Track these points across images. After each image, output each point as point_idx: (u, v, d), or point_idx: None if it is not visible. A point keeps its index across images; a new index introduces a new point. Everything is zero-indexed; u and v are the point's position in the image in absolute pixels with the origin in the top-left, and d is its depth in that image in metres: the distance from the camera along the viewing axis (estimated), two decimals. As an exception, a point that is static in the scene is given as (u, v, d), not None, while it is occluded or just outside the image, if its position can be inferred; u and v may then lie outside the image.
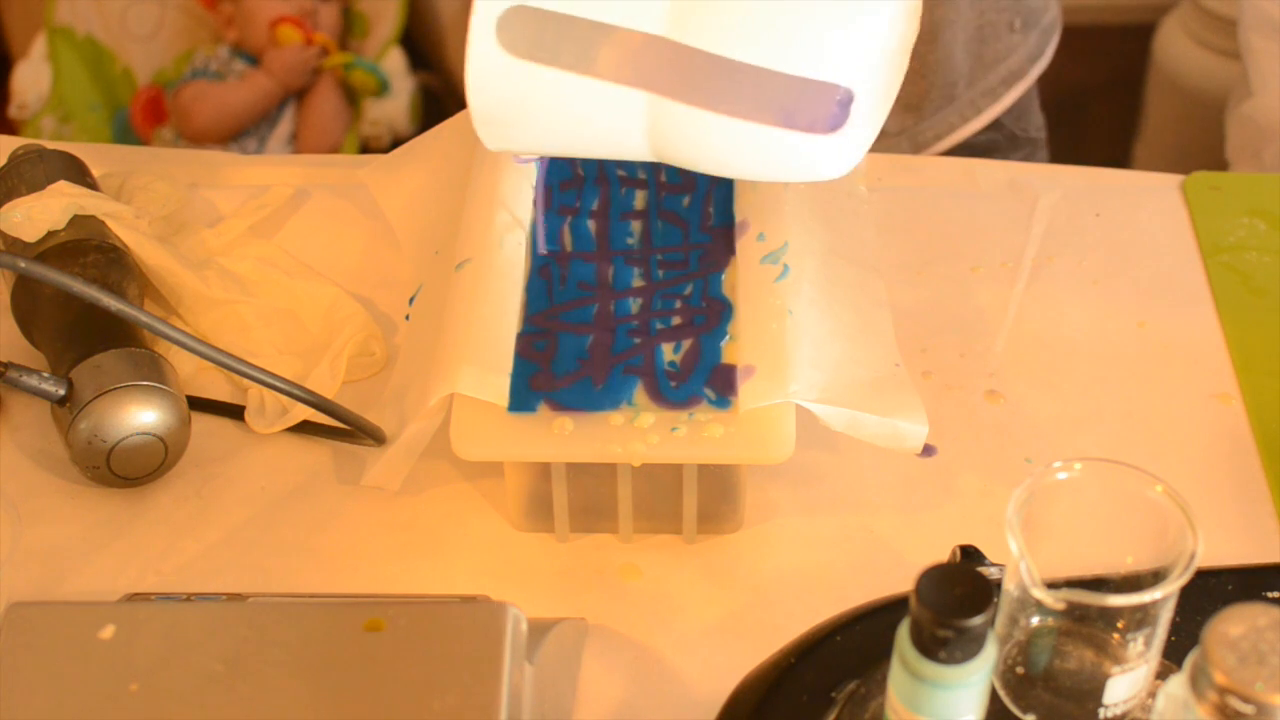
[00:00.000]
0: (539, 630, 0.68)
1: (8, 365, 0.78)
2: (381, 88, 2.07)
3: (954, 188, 0.99)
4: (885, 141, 1.13)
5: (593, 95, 0.69)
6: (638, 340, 0.78)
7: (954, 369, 0.87)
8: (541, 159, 0.82)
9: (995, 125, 1.18)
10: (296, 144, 2.05)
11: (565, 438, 0.73)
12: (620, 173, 0.88)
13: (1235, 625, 0.53)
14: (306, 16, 2.05)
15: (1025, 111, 1.21)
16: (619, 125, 0.70)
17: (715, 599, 0.77)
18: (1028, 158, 1.22)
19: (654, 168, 0.87)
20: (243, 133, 2.04)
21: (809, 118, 0.67)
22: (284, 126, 2.06)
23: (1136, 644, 0.61)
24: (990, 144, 1.18)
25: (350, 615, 0.65)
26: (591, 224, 0.85)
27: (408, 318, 0.86)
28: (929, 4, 1.05)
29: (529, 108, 0.70)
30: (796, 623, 0.74)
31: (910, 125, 1.13)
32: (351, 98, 2.09)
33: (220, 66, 2.06)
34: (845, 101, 0.67)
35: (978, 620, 0.54)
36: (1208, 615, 0.54)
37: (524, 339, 0.78)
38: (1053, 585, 0.59)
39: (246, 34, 2.06)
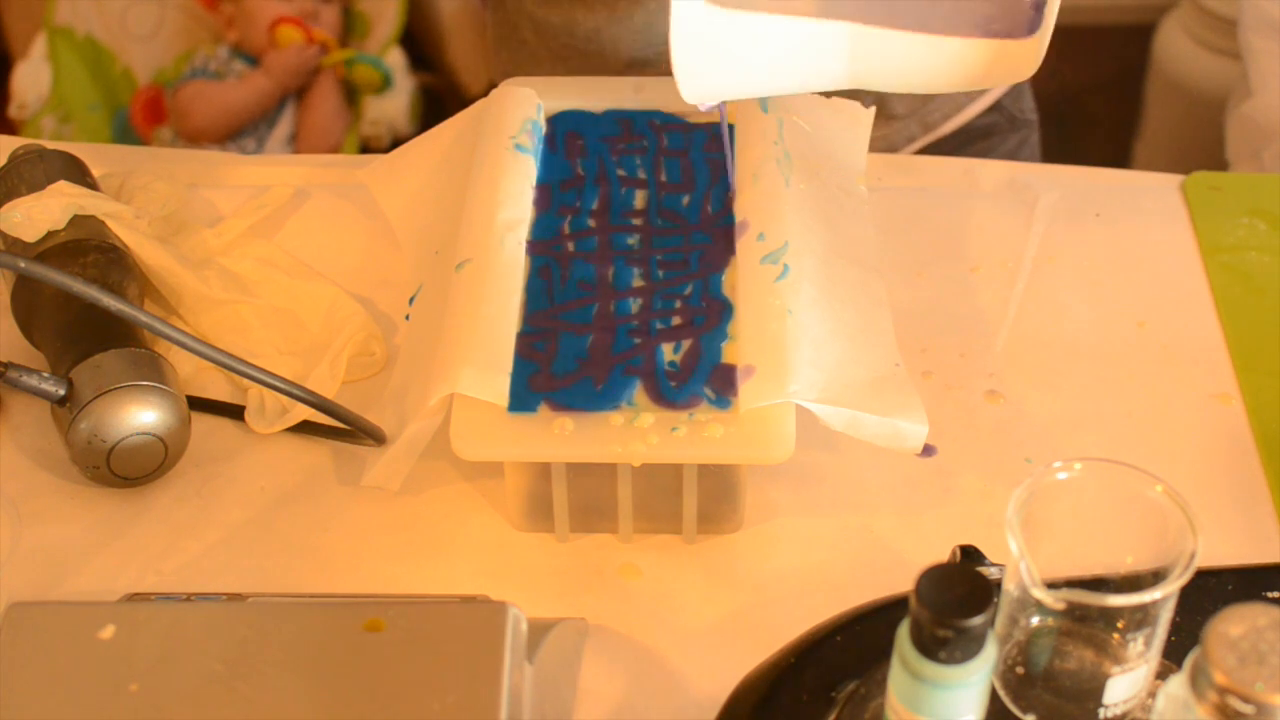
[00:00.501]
0: (539, 630, 0.68)
1: (8, 365, 0.78)
2: (385, 82, 2.07)
3: (954, 188, 0.99)
4: (895, 124, 1.13)
5: (795, 32, 0.71)
6: (638, 340, 0.78)
7: (954, 369, 0.87)
8: (722, 104, 0.84)
9: (995, 107, 1.19)
10: (296, 144, 2.05)
11: (565, 438, 0.73)
12: (620, 173, 0.88)
13: (1235, 625, 0.53)
14: (307, 17, 2.05)
15: (1021, 93, 1.22)
16: (821, 57, 0.72)
17: (715, 599, 0.77)
18: (1024, 140, 1.22)
19: (654, 167, 0.88)
20: (241, 132, 2.04)
21: (1007, 24, 0.69)
22: (283, 126, 2.06)
23: (1136, 644, 0.61)
24: (991, 125, 1.19)
25: (350, 615, 0.65)
26: (591, 223, 0.85)
27: (408, 318, 0.86)
28: None
29: (734, 53, 0.72)
30: (796, 623, 0.74)
31: (919, 106, 1.14)
32: (352, 97, 2.09)
33: (219, 66, 2.06)
34: (1039, 3, 0.69)
35: (978, 620, 0.54)
36: (1208, 615, 0.54)
37: (524, 339, 0.78)
38: (1053, 585, 0.59)
39: (247, 34, 2.06)
